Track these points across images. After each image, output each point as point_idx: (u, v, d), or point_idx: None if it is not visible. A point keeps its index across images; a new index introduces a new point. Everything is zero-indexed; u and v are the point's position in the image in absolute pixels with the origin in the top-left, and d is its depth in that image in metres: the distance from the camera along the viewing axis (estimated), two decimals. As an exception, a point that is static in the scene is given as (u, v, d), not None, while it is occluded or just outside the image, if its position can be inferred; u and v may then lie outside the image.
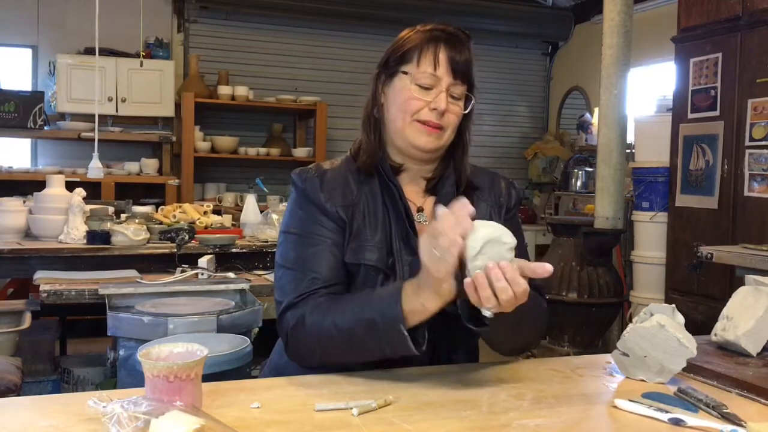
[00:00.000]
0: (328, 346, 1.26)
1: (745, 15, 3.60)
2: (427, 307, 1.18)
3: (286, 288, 1.34)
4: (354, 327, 1.22)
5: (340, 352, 1.26)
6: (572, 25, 6.84)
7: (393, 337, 1.19)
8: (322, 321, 1.25)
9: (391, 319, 1.19)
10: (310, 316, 1.27)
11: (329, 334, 1.24)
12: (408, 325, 1.19)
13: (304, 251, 1.35)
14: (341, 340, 1.24)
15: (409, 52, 1.38)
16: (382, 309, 1.21)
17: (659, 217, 4.14)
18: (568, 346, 4.20)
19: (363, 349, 1.24)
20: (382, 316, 1.20)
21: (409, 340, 1.18)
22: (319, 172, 1.41)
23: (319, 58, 6.29)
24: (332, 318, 1.25)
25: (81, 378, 2.95)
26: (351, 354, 1.25)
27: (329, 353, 1.27)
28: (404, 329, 1.18)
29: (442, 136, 1.38)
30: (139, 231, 3.11)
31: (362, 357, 1.25)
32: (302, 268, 1.33)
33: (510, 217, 1.49)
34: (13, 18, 5.51)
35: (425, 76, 1.35)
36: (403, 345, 1.19)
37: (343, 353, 1.26)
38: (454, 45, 1.37)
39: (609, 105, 4.27)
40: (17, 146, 5.62)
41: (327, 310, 1.27)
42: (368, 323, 1.21)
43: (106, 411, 0.93)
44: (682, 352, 1.22)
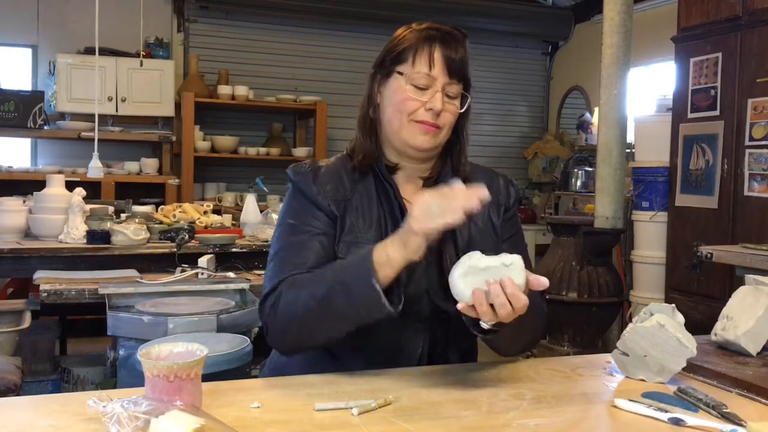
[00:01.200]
0: (304, 319, 1.25)
1: (745, 15, 3.59)
2: (391, 258, 1.19)
3: (269, 274, 1.35)
4: (328, 293, 1.22)
5: (318, 323, 1.25)
6: (572, 24, 6.83)
7: (365, 293, 1.19)
8: (298, 294, 1.25)
9: (363, 273, 1.19)
10: (286, 294, 1.27)
11: (306, 305, 1.24)
12: (379, 281, 1.18)
13: (291, 239, 1.36)
14: (317, 309, 1.23)
15: (404, 52, 1.38)
16: (353, 267, 1.22)
17: (659, 217, 4.14)
18: (568, 345, 4.20)
19: (339, 315, 1.22)
20: (354, 273, 1.21)
21: (382, 295, 1.18)
22: (313, 167, 1.43)
23: (319, 58, 6.29)
24: (308, 289, 1.25)
25: (81, 378, 2.95)
26: (329, 324, 1.24)
27: (307, 327, 1.25)
28: (376, 283, 1.18)
29: (438, 135, 1.38)
30: (139, 231, 3.11)
31: (340, 326, 1.24)
32: (288, 256, 1.34)
33: (509, 217, 1.49)
34: (13, 18, 5.51)
35: (420, 76, 1.35)
36: (377, 302, 1.18)
37: (321, 325, 1.25)
38: (449, 44, 1.37)
39: (609, 105, 4.27)
40: (17, 146, 5.62)
41: (302, 284, 1.27)
42: (342, 284, 1.21)
43: (106, 411, 0.93)
44: (682, 351, 1.22)
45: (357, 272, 1.20)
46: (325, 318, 1.24)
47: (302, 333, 1.27)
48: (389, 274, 1.19)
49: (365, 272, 1.19)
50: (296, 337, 1.28)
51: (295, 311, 1.25)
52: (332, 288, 1.22)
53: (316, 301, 1.23)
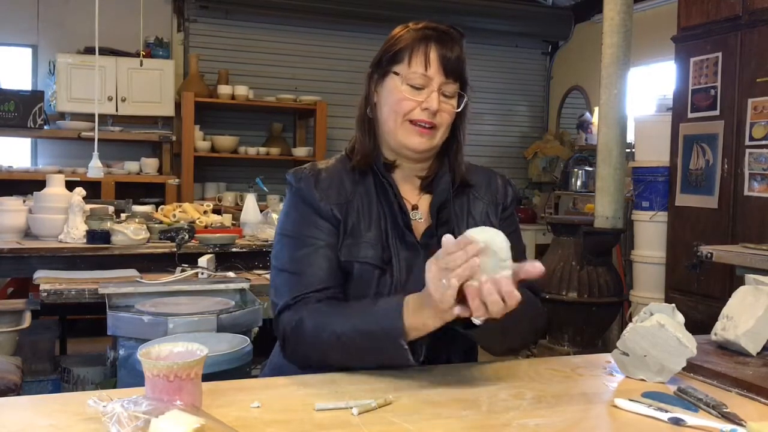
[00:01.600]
0: (326, 352, 1.27)
1: (745, 14, 3.59)
2: (428, 325, 1.19)
3: (281, 289, 1.35)
4: (354, 337, 1.24)
5: (339, 358, 1.27)
6: (572, 24, 6.83)
7: (393, 350, 1.20)
8: (322, 328, 1.26)
9: (392, 333, 1.20)
10: (308, 321, 1.28)
11: (328, 341, 1.26)
12: (407, 339, 1.20)
13: (298, 253, 1.36)
14: (340, 347, 1.25)
15: (400, 52, 1.37)
16: (383, 323, 1.21)
17: (659, 217, 4.14)
18: (567, 345, 4.20)
19: (362, 357, 1.25)
20: (383, 329, 1.21)
21: (409, 354, 1.20)
22: (313, 172, 1.42)
23: (319, 58, 6.29)
24: (332, 326, 1.26)
25: (81, 377, 2.95)
26: (349, 361, 1.26)
27: (327, 359, 1.28)
28: (405, 344, 1.19)
29: (434, 135, 1.38)
30: (139, 230, 3.11)
31: (360, 364, 1.26)
32: (297, 270, 1.34)
33: (507, 216, 1.49)
34: (13, 17, 5.51)
35: (416, 76, 1.35)
36: (403, 358, 1.20)
37: (341, 359, 1.27)
38: (446, 43, 1.37)
39: (609, 104, 4.26)
40: (17, 146, 5.62)
41: (327, 318, 1.27)
42: (369, 335, 1.22)
43: (106, 410, 0.93)
44: (682, 351, 1.22)
45: (385, 329, 1.21)
46: (347, 357, 1.26)
47: (322, 362, 1.29)
48: (420, 335, 1.21)
49: (395, 332, 1.19)
50: (315, 363, 1.30)
51: (318, 344, 1.27)
52: (359, 333, 1.23)
53: (339, 340, 1.25)
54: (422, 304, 1.18)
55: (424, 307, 1.18)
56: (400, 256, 1.36)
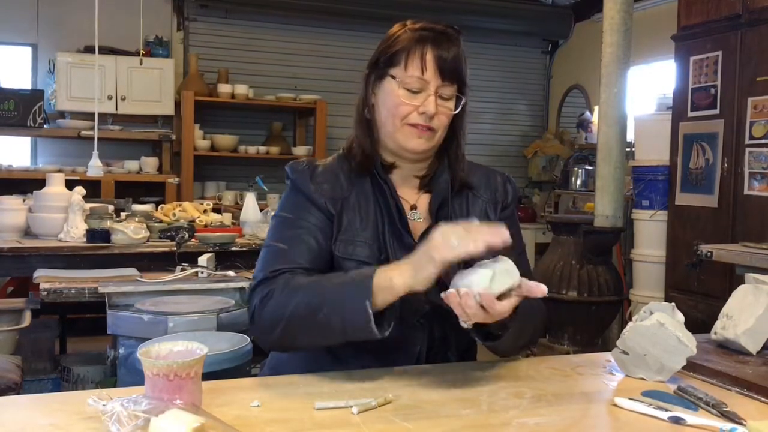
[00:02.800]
0: (291, 322, 1.23)
1: (745, 13, 3.59)
2: (394, 284, 1.16)
3: (262, 264, 1.35)
4: (320, 303, 1.21)
5: (302, 329, 1.23)
6: (572, 23, 6.83)
7: (356, 315, 1.16)
8: (290, 297, 1.24)
9: (359, 294, 1.16)
10: (279, 292, 1.26)
11: (295, 310, 1.23)
12: (375, 304, 1.16)
13: (286, 232, 1.36)
14: (305, 314, 1.22)
15: (396, 55, 1.36)
16: (352, 284, 1.19)
17: (659, 216, 4.14)
18: (567, 344, 4.20)
19: (326, 328, 1.20)
20: (352, 291, 1.18)
21: (372, 319, 1.15)
22: (310, 165, 1.43)
23: (318, 57, 6.29)
24: (301, 295, 1.24)
25: (81, 376, 2.95)
26: (314, 333, 1.23)
27: (290, 329, 1.24)
28: (369, 307, 1.15)
29: (432, 137, 1.38)
30: (138, 229, 3.11)
31: (324, 337, 1.23)
32: (281, 248, 1.34)
33: (507, 215, 1.49)
34: (12, 16, 5.50)
35: (413, 79, 1.34)
36: (366, 325, 1.16)
37: (304, 331, 1.23)
38: (442, 44, 1.35)
39: (609, 103, 4.26)
40: (17, 145, 5.62)
41: (297, 287, 1.25)
42: (336, 299, 1.19)
43: (105, 409, 0.93)
44: (682, 350, 1.22)
45: (354, 291, 1.18)
46: (311, 327, 1.22)
47: (285, 335, 1.25)
48: (387, 299, 1.17)
49: (362, 293, 1.16)
50: (279, 338, 1.27)
51: (284, 313, 1.24)
52: (325, 301, 1.21)
53: (308, 309, 1.22)
54: (399, 263, 1.18)
55: (398, 265, 1.17)
56: (398, 257, 1.36)
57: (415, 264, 1.16)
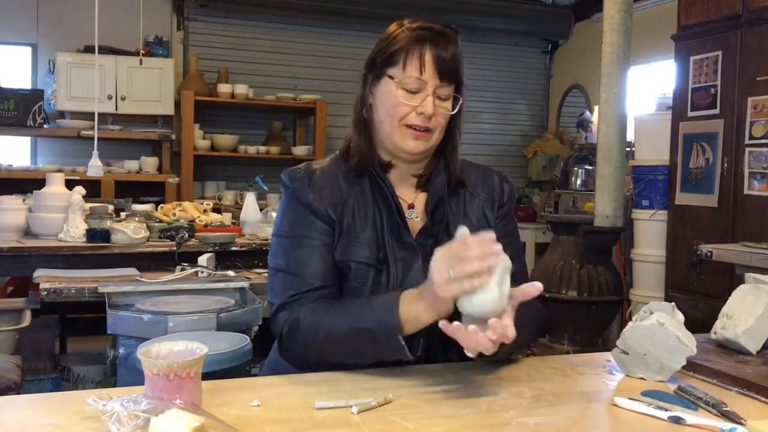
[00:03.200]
0: (323, 350, 1.27)
1: (745, 13, 3.59)
2: (420, 319, 1.20)
3: (277, 289, 1.36)
4: (350, 334, 1.24)
5: (336, 356, 1.27)
6: (572, 23, 6.83)
7: (389, 345, 1.21)
8: (318, 326, 1.27)
9: (388, 328, 1.20)
10: (305, 320, 1.28)
11: (325, 339, 1.26)
12: (403, 333, 1.20)
13: (294, 253, 1.36)
14: (336, 345, 1.26)
15: (394, 55, 1.36)
16: (378, 317, 1.22)
17: (659, 216, 4.14)
18: (567, 344, 4.20)
19: (359, 354, 1.25)
20: (379, 324, 1.22)
21: (405, 349, 1.20)
22: (308, 172, 1.42)
23: (318, 56, 6.29)
24: (328, 324, 1.26)
25: (81, 376, 2.95)
26: (346, 358, 1.27)
27: (324, 357, 1.28)
28: (401, 339, 1.20)
29: (430, 138, 1.38)
30: (138, 229, 3.11)
31: (358, 360, 1.27)
32: (292, 270, 1.35)
33: (504, 214, 1.49)
34: (12, 16, 5.50)
35: (411, 80, 1.34)
36: (399, 352, 1.21)
37: (338, 357, 1.27)
38: (440, 43, 1.35)
39: (609, 103, 4.26)
40: (17, 144, 5.62)
41: (322, 316, 1.28)
42: (364, 332, 1.23)
43: (105, 409, 0.93)
44: (682, 350, 1.22)
45: (381, 324, 1.21)
46: (344, 354, 1.27)
47: (319, 360, 1.29)
48: (414, 330, 1.22)
49: (390, 327, 1.20)
50: (314, 361, 1.30)
51: (314, 343, 1.27)
52: (355, 330, 1.24)
53: (336, 337, 1.25)
54: (419, 296, 1.19)
55: (419, 299, 1.19)
56: (396, 256, 1.37)
57: (429, 299, 1.17)
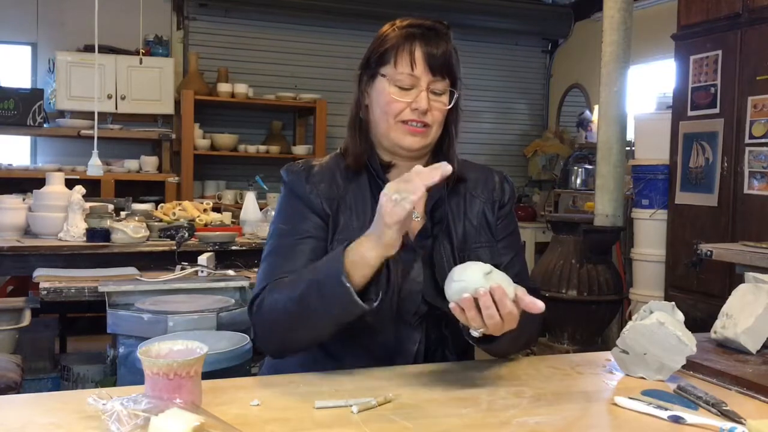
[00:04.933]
0: (285, 320, 1.25)
1: (745, 12, 3.59)
2: (365, 256, 1.17)
3: (259, 277, 1.36)
4: (304, 293, 1.22)
5: (297, 324, 1.24)
6: (572, 22, 6.83)
7: (337, 291, 1.17)
8: (279, 297, 1.26)
9: (333, 271, 1.17)
10: (269, 297, 1.28)
11: (285, 307, 1.24)
12: (352, 279, 1.16)
13: (283, 243, 1.37)
14: (295, 310, 1.23)
15: (386, 53, 1.37)
16: (326, 267, 1.21)
17: (659, 215, 4.14)
18: (567, 343, 4.20)
19: (315, 315, 1.21)
20: (326, 273, 1.19)
21: (353, 293, 1.15)
22: (306, 167, 1.43)
23: (318, 56, 6.28)
24: (286, 292, 1.25)
25: (81, 375, 2.95)
26: (308, 324, 1.24)
27: (288, 329, 1.25)
28: (346, 280, 1.16)
29: (427, 134, 1.38)
30: (138, 228, 3.11)
31: (319, 326, 1.23)
32: (278, 259, 1.35)
33: (504, 214, 1.49)
34: (12, 15, 5.50)
35: (403, 76, 1.35)
36: (349, 299, 1.16)
37: (300, 326, 1.24)
38: (431, 40, 1.35)
39: (609, 102, 4.26)
40: (17, 144, 5.61)
41: (284, 287, 1.27)
42: (317, 284, 1.20)
43: (105, 408, 0.93)
44: (682, 349, 1.22)
45: (328, 271, 1.19)
46: (303, 318, 1.23)
47: (284, 335, 1.27)
48: (366, 273, 1.18)
49: (335, 270, 1.17)
50: (280, 339, 1.28)
51: (277, 314, 1.26)
52: (307, 288, 1.22)
53: (294, 302, 1.23)
54: (365, 236, 1.18)
55: (365, 239, 1.18)
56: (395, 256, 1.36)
57: (376, 233, 1.16)
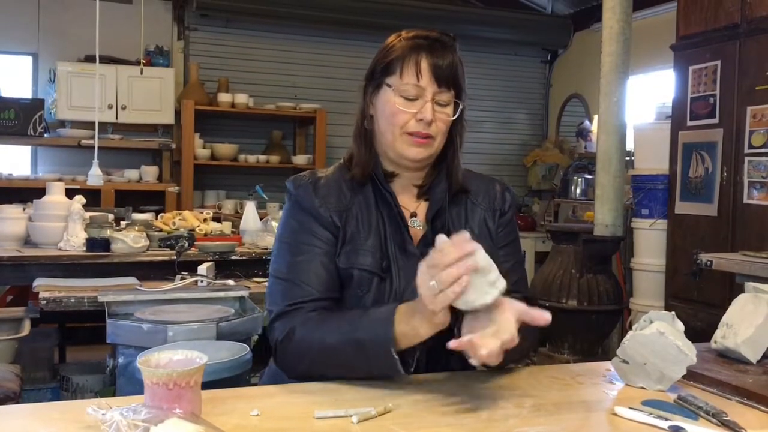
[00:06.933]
0: (315, 361, 1.27)
1: (744, 23, 3.61)
2: (419, 332, 1.19)
3: (276, 297, 1.35)
4: (343, 346, 1.23)
5: (327, 367, 1.26)
6: (571, 32, 6.85)
7: (382, 359, 1.20)
8: (311, 336, 1.26)
9: (382, 342, 1.19)
10: (300, 330, 1.28)
11: (317, 349, 1.26)
12: (398, 348, 1.19)
13: (295, 261, 1.36)
14: (329, 356, 1.25)
15: (391, 64, 1.37)
16: (373, 331, 1.21)
17: (659, 225, 4.14)
18: (567, 353, 4.19)
19: (350, 367, 1.24)
20: (373, 338, 1.20)
21: (398, 363, 1.19)
22: (312, 179, 1.43)
23: (318, 66, 6.30)
24: (321, 335, 1.26)
25: (80, 385, 2.95)
26: (337, 370, 1.26)
27: (316, 367, 1.27)
28: (394, 353, 1.19)
29: (431, 145, 1.38)
30: (138, 238, 3.11)
31: (349, 374, 1.26)
32: (292, 278, 1.35)
33: (505, 223, 1.50)
34: (13, 25, 5.52)
35: (409, 87, 1.35)
36: (392, 367, 1.20)
37: (329, 369, 1.26)
38: (437, 51, 1.36)
39: (608, 112, 4.27)
40: (17, 153, 5.62)
41: (317, 326, 1.28)
42: (357, 344, 1.22)
43: (105, 419, 0.93)
44: (682, 359, 1.22)
45: (375, 335, 1.20)
46: (335, 366, 1.26)
47: (312, 369, 1.28)
48: (411, 343, 1.21)
49: (384, 341, 1.19)
50: (306, 371, 1.29)
51: (307, 353, 1.27)
52: (348, 342, 1.23)
53: (330, 349, 1.24)
54: (414, 310, 1.18)
55: (415, 312, 1.18)
56: (399, 265, 1.37)
57: (427, 314, 1.15)
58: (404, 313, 1.20)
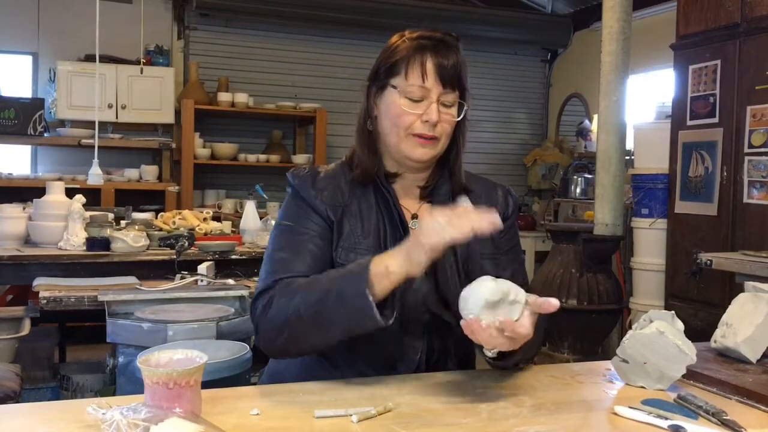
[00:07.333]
0: (295, 323, 1.24)
1: (744, 22, 3.60)
2: (390, 269, 1.17)
3: (263, 273, 1.35)
4: (321, 299, 1.21)
5: (306, 329, 1.24)
6: (571, 32, 6.85)
7: (358, 303, 1.17)
8: (290, 299, 1.25)
9: (358, 283, 1.18)
10: (278, 298, 1.27)
11: (297, 310, 1.23)
12: (374, 292, 1.17)
13: (286, 241, 1.37)
14: (307, 315, 1.22)
15: (396, 65, 1.37)
16: (350, 276, 1.21)
17: (659, 224, 4.14)
18: (567, 352, 4.20)
19: (329, 322, 1.21)
20: (350, 282, 1.19)
21: (374, 307, 1.16)
22: (312, 172, 1.43)
23: (318, 65, 6.30)
24: (300, 295, 1.24)
25: (80, 385, 2.95)
26: (318, 330, 1.23)
27: (296, 332, 1.25)
28: (369, 295, 1.16)
29: (436, 145, 1.38)
30: (138, 237, 3.11)
31: (329, 333, 1.23)
32: (282, 257, 1.35)
33: (508, 227, 1.49)
34: (13, 25, 5.52)
35: (414, 88, 1.35)
36: (368, 313, 1.17)
37: (308, 331, 1.24)
38: (441, 51, 1.36)
39: (608, 112, 4.27)
40: (17, 153, 5.62)
41: (296, 289, 1.26)
42: (335, 291, 1.20)
43: (105, 418, 0.93)
44: (682, 358, 1.22)
45: (352, 281, 1.19)
46: (315, 324, 1.23)
47: (291, 338, 1.26)
48: (386, 287, 1.18)
49: (360, 282, 1.17)
50: (285, 342, 1.27)
51: (287, 315, 1.25)
52: (326, 294, 1.21)
53: (308, 306, 1.23)
54: (394, 250, 1.19)
55: (394, 253, 1.19)
56: None
57: (408, 249, 1.18)
58: (380, 257, 1.20)
